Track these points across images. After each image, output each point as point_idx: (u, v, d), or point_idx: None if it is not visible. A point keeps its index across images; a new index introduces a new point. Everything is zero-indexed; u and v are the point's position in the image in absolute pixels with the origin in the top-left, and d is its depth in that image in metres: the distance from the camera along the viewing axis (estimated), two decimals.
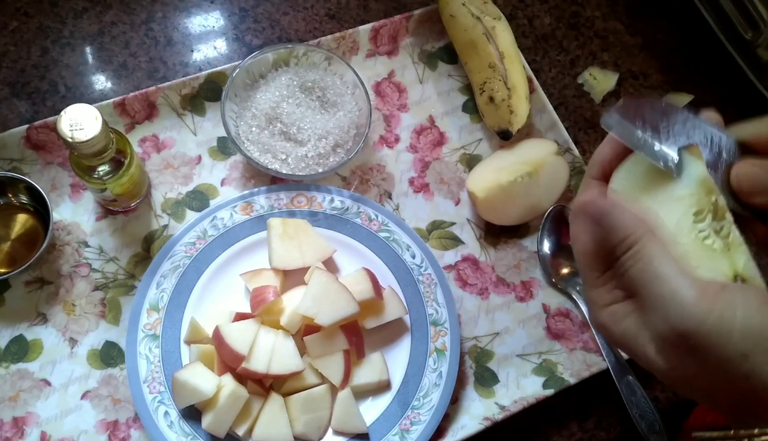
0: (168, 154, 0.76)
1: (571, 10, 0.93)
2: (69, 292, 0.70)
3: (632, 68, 0.91)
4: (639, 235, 0.37)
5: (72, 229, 0.72)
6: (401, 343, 0.71)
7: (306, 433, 0.65)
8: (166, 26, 0.84)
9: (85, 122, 0.59)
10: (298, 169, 0.74)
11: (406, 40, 0.85)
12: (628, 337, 0.37)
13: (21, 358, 0.68)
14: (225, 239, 0.72)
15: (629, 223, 0.37)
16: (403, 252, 0.74)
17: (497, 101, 0.77)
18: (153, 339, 0.67)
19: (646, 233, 0.37)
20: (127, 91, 0.78)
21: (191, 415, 0.65)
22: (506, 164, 0.77)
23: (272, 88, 0.75)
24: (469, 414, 0.70)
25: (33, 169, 0.73)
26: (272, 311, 0.66)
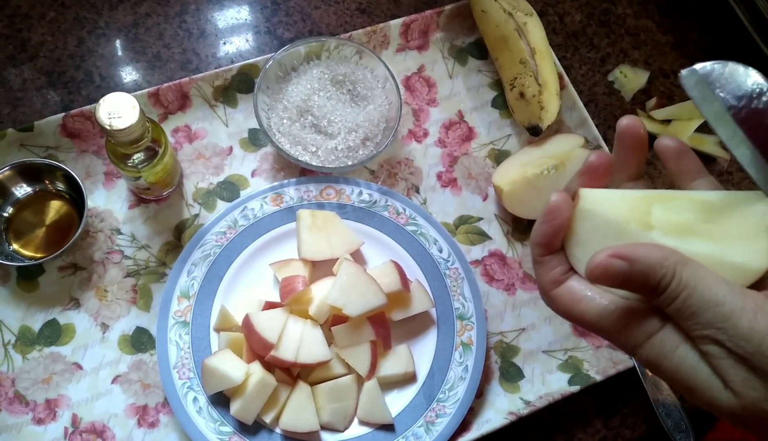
0: (200, 145, 0.77)
1: (602, 7, 0.93)
2: (101, 278, 0.71)
3: (663, 67, 0.90)
4: (673, 265, 0.33)
5: (105, 217, 0.73)
6: (427, 336, 0.72)
7: (332, 422, 0.66)
8: (199, 18, 0.85)
9: (123, 111, 0.60)
10: (327, 161, 0.74)
11: (436, 35, 0.86)
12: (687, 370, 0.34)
13: (54, 342, 0.69)
14: (255, 229, 0.73)
15: (657, 260, 0.33)
16: (431, 246, 0.74)
17: (528, 97, 0.77)
18: (183, 326, 0.68)
19: (679, 261, 0.33)
20: (160, 82, 0.79)
21: (219, 402, 0.66)
22: (533, 158, 0.77)
23: (304, 81, 0.76)
24: (494, 408, 0.70)
25: (68, 157, 0.74)
26: (301, 301, 0.67)
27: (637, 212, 0.37)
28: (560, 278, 0.39)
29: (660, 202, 0.37)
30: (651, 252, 0.34)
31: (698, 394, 0.34)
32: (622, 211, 0.37)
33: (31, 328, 0.69)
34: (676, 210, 0.36)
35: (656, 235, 0.36)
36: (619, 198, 0.38)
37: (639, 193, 0.38)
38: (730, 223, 0.35)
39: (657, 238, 0.35)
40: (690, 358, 0.34)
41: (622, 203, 0.37)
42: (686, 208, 0.36)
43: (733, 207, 0.35)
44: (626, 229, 0.36)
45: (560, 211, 0.38)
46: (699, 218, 0.36)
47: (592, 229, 0.38)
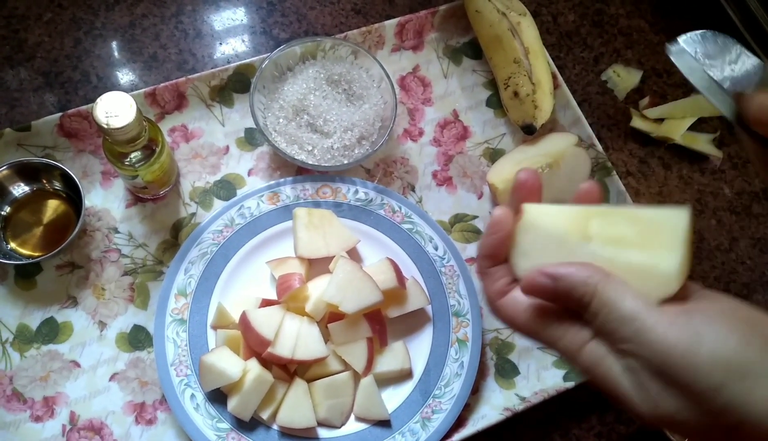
0: (196, 144, 0.78)
1: (596, 7, 0.94)
2: (99, 277, 0.72)
3: (656, 66, 0.91)
4: (594, 284, 0.36)
5: (102, 216, 0.74)
6: (423, 332, 0.72)
7: (329, 419, 0.67)
8: (196, 19, 0.85)
9: (120, 110, 0.60)
10: (323, 160, 0.75)
11: (431, 35, 0.86)
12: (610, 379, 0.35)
13: (51, 340, 0.69)
14: (251, 228, 0.73)
15: (580, 279, 0.36)
16: (426, 244, 0.74)
17: (522, 96, 0.78)
18: (180, 323, 0.69)
19: (600, 280, 0.36)
20: (157, 82, 0.80)
21: (217, 399, 0.67)
22: (527, 157, 0.78)
23: (299, 81, 0.77)
24: (489, 404, 0.71)
25: (65, 157, 0.75)
26: (298, 298, 0.67)
27: (576, 225, 0.39)
28: (505, 288, 0.41)
29: (597, 217, 0.39)
30: (575, 271, 0.36)
31: (622, 403, 0.35)
32: (562, 224, 0.39)
33: (28, 326, 0.69)
34: (612, 223, 0.39)
35: (594, 245, 0.38)
36: (559, 212, 0.40)
37: (578, 208, 0.40)
38: (657, 236, 0.37)
39: (595, 248, 0.38)
40: (615, 369, 0.35)
41: (563, 217, 0.40)
42: (621, 222, 0.38)
43: (661, 221, 0.38)
44: (566, 240, 0.39)
45: (503, 225, 0.40)
46: (632, 231, 0.38)
47: (535, 241, 0.40)
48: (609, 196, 0.80)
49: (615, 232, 0.38)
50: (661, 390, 0.33)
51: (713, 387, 0.31)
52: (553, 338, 0.38)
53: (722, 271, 0.82)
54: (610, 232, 0.38)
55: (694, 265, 0.82)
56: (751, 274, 0.83)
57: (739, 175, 0.87)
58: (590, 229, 0.38)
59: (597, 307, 0.35)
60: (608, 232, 0.38)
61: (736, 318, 0.34)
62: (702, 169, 0.86)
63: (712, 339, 0.32)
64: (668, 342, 0.33)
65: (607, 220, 0.39)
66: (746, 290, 0.82)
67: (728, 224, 0.84)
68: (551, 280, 0.37)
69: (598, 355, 0.36)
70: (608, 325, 0.35)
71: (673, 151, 0.87)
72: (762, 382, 0.31)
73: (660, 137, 0.85)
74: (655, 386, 0.33)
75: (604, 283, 0.35)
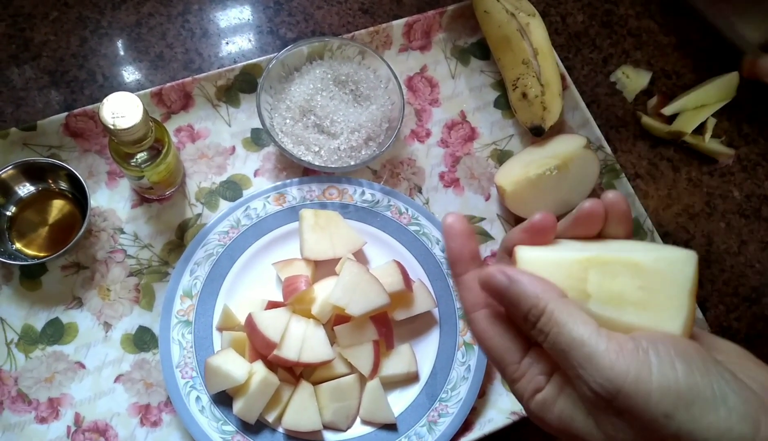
0: (203, 144, 0.77)
1: (605, 8, 0.93)
2: (104, 278, 0.71)
3: (665, 67, 0.90)
4: (546, 301, 0.35)
5: (108, 216, 0.73)
6: (430, 335, 0.72)
7: (335, 422, 0.66)
8: (202, 18, 0.85)
9: (127, 110, 0.60)
10: (330, 161, 0.74)
11: (438, 36, 0.86)
12: (566, 419, 0.35)
13: (57, 341, 0.69)
14: (258, 229, 0.73)
15: (533, 292, 0.35)
16: (433, 246, 0.74)
17: (530, 97, 0.77)
18: (186, 325, 0.68)
19: (553, 299, 0.35)
20: (163, 82, 0.79)
21: (222, 401, 0.66)
22: (535, 158, 0.77)
23: (306, 81, 0.76)
24: (496, 408, 0.71)
25: (71, 156, 0.74)
26: (304, 300, 0.67)
27: (573, 280, 0.37)
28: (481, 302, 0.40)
29: (595, 268, 0.37)
30: (531, 283, 0.36)
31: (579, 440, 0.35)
32: (559, 279, 0.37)
33: (33, 327, 0.69)
34: (611, 275, 0.37)
35: (594, 305, 0.36)
36: (555, 263, 0.38)
37: (574, 256, 0.38)
38: (660, 290, 0.36)
39: (594, 308, 0.36)
40: (567, 409, 0.34)
41: (559, 270, 0.37)
42: (620, 273, 0.36)
43: (665, 272, 0.36)
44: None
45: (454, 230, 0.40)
46: (632, 285, 0.36)
47: None
48: None
49: (615, 287, 0.36)
50: (611, 422, 0.33)
51: (664, 415, 0.31)
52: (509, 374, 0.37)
53: (731, 274, 0.82)
54: (610, 288, 0.36)
55: (703, 269, 0.81)
56: (760, 277, 0.82)
57: (749, 177, 0.86)
58: (588, 285, 0.36)
59: (546, 326, 0.34)
60: (608, 287, 0.36)
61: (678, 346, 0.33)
62: (711, 172, 0.86)
63: (661, 367, 0.32)
64: (619, 369, 0.32)
65: (605, 271, 0.37)
66: (755, 294, 0.81)
67: (737, 227, 0.84)
68: (507, 280, 0.36)
69: (551, 398, 0.35)
70: (558, 346, 0.34)
71: (682, 153, 0.86)
72: (708, 408, 0.31)
73: (673, 132, 0.84)
74: (607, 419, 0.33)
75: (556, 303, 0.35)
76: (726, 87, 0.87)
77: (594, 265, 0.37)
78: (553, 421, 0.35)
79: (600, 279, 0.37)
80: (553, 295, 0.35)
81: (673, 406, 0.31)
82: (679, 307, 0.35)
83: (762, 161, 0.87)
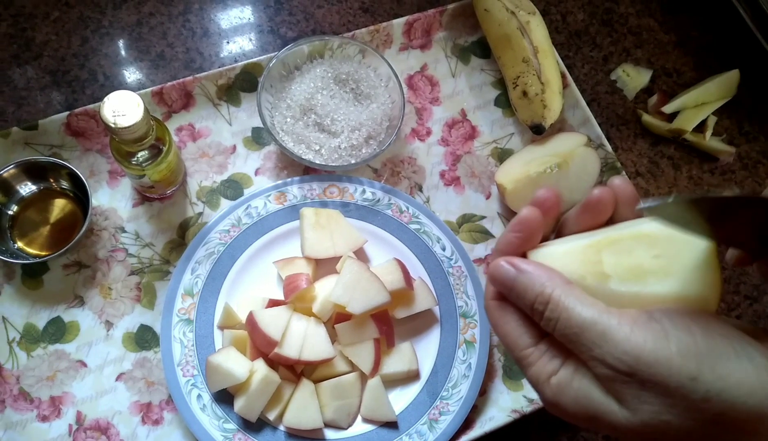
0: (203, 143, 0.77)
1: (605, 6, 0.93)
2: (105, 276, 0.72)
3: (666, 65, 0.90)
4: (551, 288, 0.35)
5: (109, 215, 0.74)
6: (431, 333, 0.72)
7: (336, 420, 0.66)
8: (203, 18, 0.85)
9: (128, 109, 0.60)
10: (331, 160, 0.74)
11: (439, 34, 0.86)
12: (582, 399, 0.34)
13: (58, 339, 0.69)
14: (258, 227, 0.73)
15: (538, 280, 0.35)
16: (434, 244, 0.74)
17: (531, 95, 0.77)
18: (187, 323, 0.69)
19: (558, 285, 0.35)
20: (164, 81, 0.79)
21: (223, 399, 0.66)
22: (536, 157, 0.77)
23: (307, 80, 0.76)
24: (497, 406, 0.71)
25: (72, 155, 0.74)
26: (305, 298, 0.67)
27: (588, 264, 0.36)
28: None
29: (607, 247, 0.36)
30: (536, 271, 0.36)
31: (599, 421, 0.34)
32: (574, 266, 0.37)
33: (35, 325, 0.69)
34: (625, 252, 0.36)
35: (614, 284, 0.35)
36: (566, 253, 0.37)
37: (583, 241, 0.37)
38: (677, 255, 0.35)
39: (616, 287, 0.35)
40: (583, 388, 0.34)
41: (572, 258, 0.37)
42: (634, 248, 0.36)
43: (675, 235, 0.35)
44: (584, 285, 0.36)
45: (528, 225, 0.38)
46: (648, 255, 0.35)
47: None
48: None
49: (631, 261, 0.35)
50: (636, 394, 0.32)
51: (689, 378, 0.31)
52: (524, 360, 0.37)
53: (732, 272, 0.82)
54: (627, 264, 0.35)
55: None
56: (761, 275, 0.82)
57: (750, 175, 0.86)
58: (605, 266, 0.36)
59: (553, 312, 0.34)
60: (624, 263, 0.36)
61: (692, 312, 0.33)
62: (712, 170, 0.86)
63: (677, 333, 0.32)
64: (636, 340, 0.32)
65: (618, 249, 0.36)
66: (756, 291, 0.81)
67: None
68: (514, 270, 0.36)
69: (566, 380, 0.35)
70: (569, 331, 0.34)
71: (683, 151, 0.86)
72: (734, 365, 0.31)
73: (673, 130, 0.84)
74: (630, 391, 0.32)
75: (562, 289, 0.35)
76: (726, 85, 0.87)
77: (605, 246, 0.36)
78: (569, 405, 0.35)
79: (614, 257, 0.36)
80: (558, 282, 0.35)
81: (697, 368, 0.31)
82: (701, 266, 0.34)
83: (763, 159, 0.87)
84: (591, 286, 0.36)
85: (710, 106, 0.86)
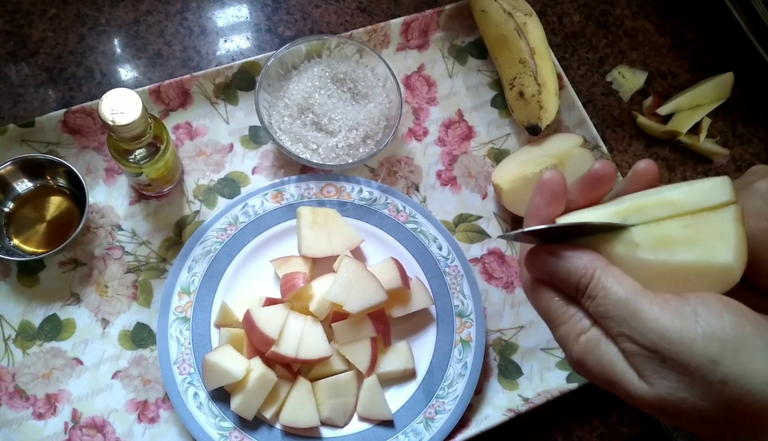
0: (201, 142, 0.77)
1: (601, 8, 0.94)
2: (102, 274, 0.71)
3: (661, 68, 0.91)
4: (593, 270, 0.36)
5: (106, 213, 0.74)
6: (427, 332, 0.72)
7: (332, 418, 0.66)
8: (201, 16, 0.85)
9: (126, 107, 0.60)
10: (328, 159, 0.75)
11: (436, 35, 0.86)
12: (606, 364, 0.35)
13: (54, 337, 0.69)
14: (255, 226, 0.73)
15: (580, 264, 0.37)
16: (430, 243, 0.74)
17: (527, 96, 0.77)
18: (184, 321, 0.69)
19: (599, 266, 0.36)
20: (161, 79, 0.79)
21: (220, 397, 0.66)
22: (532, 157, 0.78)
23: (305, 79, 0.76)
24: (492, 405, 0.71)
25: (69, 153, 0.74)
26: (302, 297, 0.67)
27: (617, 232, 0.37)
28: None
29: (634, 215, 0.37)
30: (578, 255, 0.37)
31: (617, 387, 0.35)
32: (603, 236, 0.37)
33: (31, 323, 0.69)
34: (653, 220, 0.37)
35: (643, 252, 0.36)
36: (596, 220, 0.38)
37: (610, 209, 0.38)
38: (704, 225, 0.36)
39: (645, 255, 0.36)
40: (608, 353, 0.35)
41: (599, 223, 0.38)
42: (660, 215, 0.37)
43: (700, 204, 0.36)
44: (613, 253, 0.37)
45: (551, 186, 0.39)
46: (676, 225, 0.36)
47: None
48: None
49: (659, 231, 0.36)
50: (656, 370, 0.33)
51: (709, 361, 0.32)
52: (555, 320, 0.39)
53: None
54: (655, 233, 0.36)
55: None
56: None
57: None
58: (633, 235, 0.37)
59: (593, 291, 0.36)
60: (653, 232, 0.36)
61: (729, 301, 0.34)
62: (706, 172, 0.86)
63: (707, 317, 0.33)
64: (664, 321, 0.33)
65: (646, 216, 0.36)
66: None
67: None
68: (556, 257, 0.38)
69: (593, 341, 0.36)
70: (603, 308, 0.35)
71: (677, 152, 0.87)
72: (757, 355, 0.31)
73: (668, 132, 0.85)
74: (651, 366, 0.33)
75: (602, 269, 0.36)
76: (721, 87, 0.88)
77: (632, 213, 0.37)
78: (593, 365, 0.36)
79: (643, 226, 0.37)
80: (600, 263, 0.36)
81: (719, 352, 0.31)
82: (726, 235, 0.35)
83: (756, 161, 0.87)
84: (620, 255, 0.37)
85: (704, 108, 0.87)
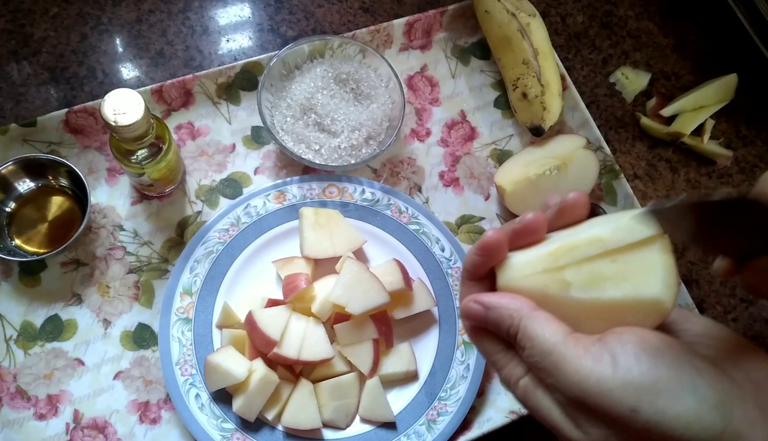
0: (203, 142, 0.77)
1: (604, 9, 0.93)
2: (104, 274, 0.71)
3: (664, 69, 0.91)
4: (518, 319, 0.36)
5: (108, 213, 0.73)
6: (429, 334, 0.72)
7: (334, 420, 0.66)
8: (203, 15, 0.85)
9: (128, 107, 0.60)
10: (330, 159, 0.74)
11: (439, 35, 0.86)
12: (543, 410, 0.35)
13: (56, 338, 0.69)
14: (258, 227, 0.73)
15: (506, 314, 0.37)
16: (433, 245, 0.74)
17: (530, 97, 0.77)
18: (186, 322, 0.68)
19: (525, 315, 0.36)
20: (163, 79, 0.79)
21: (222, 399, 0.66)
22: (535, 158, 0.77)
23: (307, 79, 0.76)
24: (495, 407, 0.71)
25: (71, 153, 0.74)
26: (304, 298, 0.67)
27: (551, 273, 0.37)
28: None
29: (566, 254, 0.37)
30: (505, 303, 0.37)
31: (557, 432, 0.35)
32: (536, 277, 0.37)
33: (33, 323, 0.69)
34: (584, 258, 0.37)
35: (576, 292, 0.36)
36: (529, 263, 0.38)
37: (543, 249, 0.38)
38: (631, 260, 0.36)
39: (578, 294, 0.36)
40: (544, 401, 0.35)
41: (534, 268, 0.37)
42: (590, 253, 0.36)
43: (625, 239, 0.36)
44: (548, 294, 0.37)
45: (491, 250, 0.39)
46: (605, 261, 0.36)
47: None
48: (617, 199, 0.80)
49: (590, 268, 0.36)
50: (586, 419, 0.33)
51: (629, 409, 0.31)
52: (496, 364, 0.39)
53: None
54: (586, 270, 0.36)
55: (700, 269, 0.81)
56: None
57: (746, 179, 0.86)
58: (566, 274, 0.37)
59: (521, 342, 0.36)
60: (583, 270, 0.36)
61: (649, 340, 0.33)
62: (709, 173, 0.86)
63: (624, 361, 0.32)
64: (583, 372, 0.32)
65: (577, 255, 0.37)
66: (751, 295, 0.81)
67: None
68: (484, 308, 0.38)
69: (531, 388, 0.36)
70: (532, 359, 0.35)
71: (681, 154, 0.86)
72: (674, 399, 0.31)
73: (671, 133, 0.85)
74: (581, 416, 0.33)
75: (528, 318, 0.36)
76: (724, 89, 0.88)
77: (563, 253, 0.37)
78: (534, 411, 0.36)
79: (574, 264, 0.37)
80: (526, 310, 0.36)
81: (636, 400, 0.31)
82: (653, 267, 0.35)
83: (759, 163, 0.87)
84: (554, 295, 0.37)
85: (708, 109, 0.87)
